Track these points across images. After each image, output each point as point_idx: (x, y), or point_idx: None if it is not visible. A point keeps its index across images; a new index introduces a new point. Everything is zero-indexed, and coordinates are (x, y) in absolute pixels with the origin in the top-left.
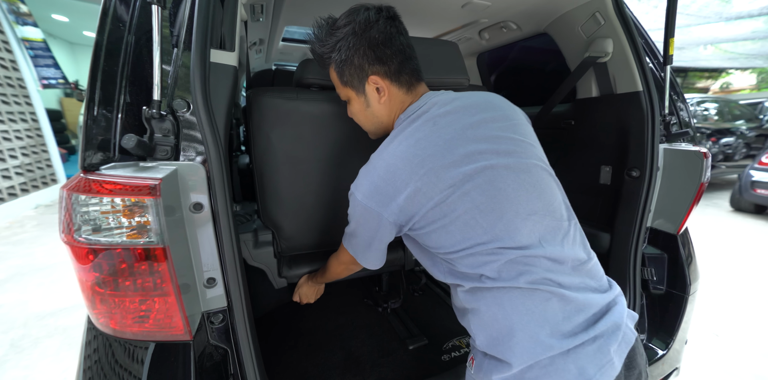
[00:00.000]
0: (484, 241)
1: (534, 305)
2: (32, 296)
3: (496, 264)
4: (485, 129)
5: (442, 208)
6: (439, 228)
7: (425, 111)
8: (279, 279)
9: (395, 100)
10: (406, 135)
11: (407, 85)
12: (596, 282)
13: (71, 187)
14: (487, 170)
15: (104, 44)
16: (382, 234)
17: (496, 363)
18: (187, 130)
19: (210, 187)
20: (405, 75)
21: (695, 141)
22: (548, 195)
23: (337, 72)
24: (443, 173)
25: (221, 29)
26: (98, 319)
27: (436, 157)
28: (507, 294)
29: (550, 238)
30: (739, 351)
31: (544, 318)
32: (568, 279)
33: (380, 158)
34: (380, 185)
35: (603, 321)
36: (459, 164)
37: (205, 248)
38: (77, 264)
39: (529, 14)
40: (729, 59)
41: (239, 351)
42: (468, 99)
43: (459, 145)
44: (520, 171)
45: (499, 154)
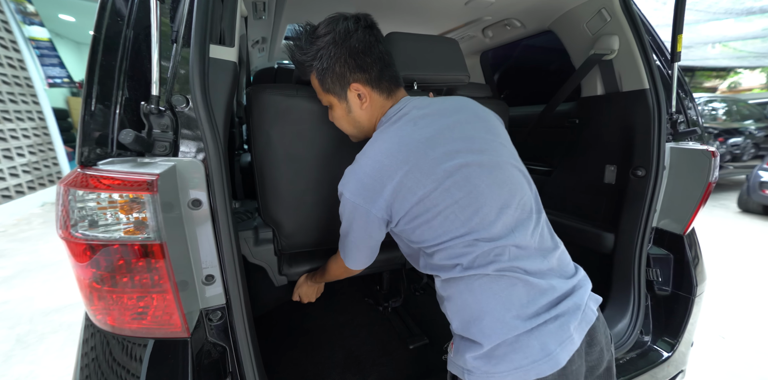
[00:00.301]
0: (462, 234)
1: (501, 289)
2: (38, 292)
3: (471, 255)
4: (460, 129)
5: (425, 203)
6: (423, 223)
7: (405, 113)
8: (279, 276)
9: (376, 105)
10: (390, 134)
11: (387, 91)
12: (562, 268)
13: (68, 182)
14: (464, 167)
15: (102, 39)
16: (372, 230)
17: (469, 343)
18: (185, 125)
19: (209, 183)
20: (385, 81)
21: (703, 140)
22: (518, 191)
23: (319, 79)
24: (426, 169)
25: (221, 25)
26: (96, 316)
27: (419, 154)
28: (477, 280)
29: (521, 229)
30: (746, 353)
31: (509, 301)
32: (535, 265)
33: (365, 156)
34: (367, 182)
35: (564, 302)
36: (440, 161)
37: (204, 245)
38: (74, 260)
39: (533, 11)
40: (738, 58)
41: (238, 349)
42: (443, 103)
43: (438, 143)
44: (492, 168)
45: (473, 152)
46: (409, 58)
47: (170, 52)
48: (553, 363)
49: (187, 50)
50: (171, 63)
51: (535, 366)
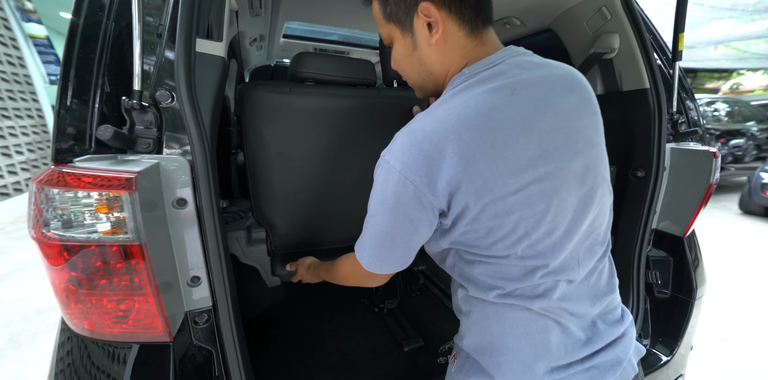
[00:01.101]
0: (522, 256)
1: (537, 331)
2: (33, 291)
3: (518, 283)
4: (567, 117)
5: (496, 207)
6: (482, 228)
7: (502, 71)
8: (272, 277)
9: (453, 43)
10: (475, 96)
11: (470, 24)
12: (608, 313)
13: (41, 180)
14: (558, 172)
15: (80, 29)
16: (419, 223)
17: (478, 369)
18: (170, 122)
19: (194, 182)
20: (469, 9)
21: (704, 140)
22: (601, 215)
23: (381, 1)
24: (513, 160)
25: (209, 18)
26: (72, 320)
27: (510, 137)
28: (512, 312)
29: (585, 263)
30: (746, 356)
31: (543, 348)
32: (582, 309)
33: (434, 117)
34: (432, 155)
35: (603, 354)
36: (531, 155)
37: (190, 245)
38: (48, 261)
39: (533, 9)
40: (740, 59)
41: (224, 353)
42: (555, 69)
43: (536, 130)
44: (586, 180)
45: (575, 154)
46: None
47: (155, 45)
48: None
49: (173, 44)
50: (156, 57)
51: None
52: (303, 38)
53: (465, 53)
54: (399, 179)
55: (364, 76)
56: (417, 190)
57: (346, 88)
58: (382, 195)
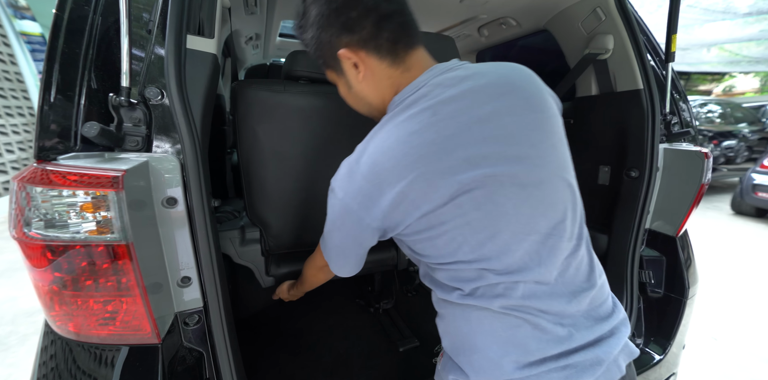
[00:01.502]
0: (469, 260)
1: (502, 329)
2: (23, 292)
3: (474, 283)
4: (497, 124)
5: (429, 219)
6: (425, 239)
7: (424, 94)
8: (266, 277)
9: (380, 75)
10: (397, 124)
11: (390, 55)
12: (593, 310)
13: (24, 178)
14: (489, 179)
15: (64, 23)
16: (363, 239)
17: (455, 367)
18: (160, 119)
19: (185, 180)
20: (384, 41)
21: (696, 141)
22: (558, 213)
23: (313, 54)
24: (436, 180)
25: (200, 14)
26: (56, 322)
27: (430, 159)
28: (476, 312)
29: (550, 261)
30: (738, 355)
31: (510, 343)
32: (557, 306)
33: (365, 152)
34: (363, 185)
35: (581, 353)
36: (457, 170)
37: (180, 245)
38: (29, 262)
39: (528, 10)
40: (731, 63)
41: (216, 354)
42: (482, 78)
43: (460, 145)
44: (529, 183)
45: (507, 159)
46: None
47: (144, 41)
48: None
49: (162, 40)
50: (145, 53)
51: None
52: None
53: (393, 82)
54: (341, 205)
55: None
56: (357, 215)
57: None
58: (331, 217)
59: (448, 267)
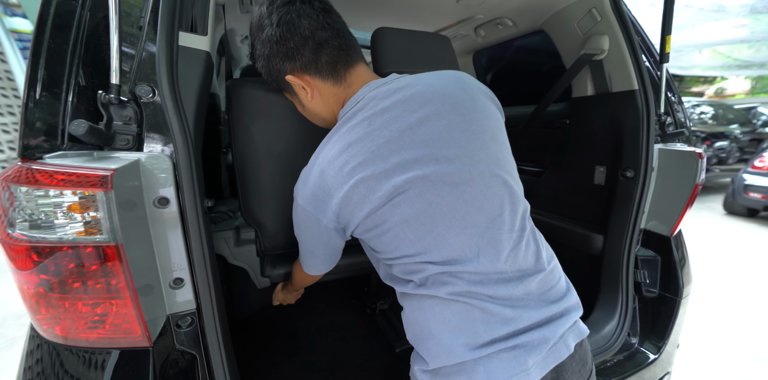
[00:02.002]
0: (411, 253)
1: (452, 314)
2: (12, 294)
3: (421, 274)
4: (426, 129)
5: (374, 219)
6: (374, 237)
7: (361, 108)
8: (262, 278)
9: (326, 93)
10: (339, 137)
11: (332, 76)
12: (542, 293)
13: (7, 177)
14: (420, 181)
15: (50, 18)
16: (327, 239)
17: (417, 357)
18: (151, 118)
19: (177, 180)
20: (324, 65)
21: (690, 141)
22: (493, 206)
23: (267, 79)
24: (374, 184)
25: (192, 11)
26: (42, 326)
27: (367, 166)
28: (427, 301)
29: (490, 252)
30: (731, 354)
31: (460, 328)
32: (504, 291)
33: (315, 161)
34: (315, 190)
35: (529, 334)
36: (391, 174)
37: (172, 246)
38: (14, 264)
39: (524, 10)
40: (722, 66)
41: (209, 357)
42: (412, 89)
43: (393, 151)
44: (460, 181)
45: (437, 161)
46: (397, 54)
47: (135, 38)
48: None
49: (154, 36)
50: (136, 50)
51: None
52: None
53: (338, 98)
54: (301, 210)
55: None
56: (314, 217)
57: None
58: (296, 222)
59: (397, 262)
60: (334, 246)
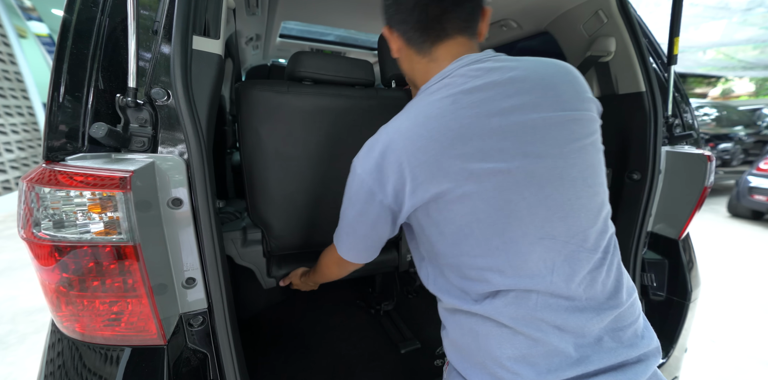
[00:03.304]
0: (474, 254)
1: (512, 347)
2: (22, 291)
3: (481, 286)
4: (519, 118)
5: (438, 204)
6: (433, 225)
7: (447, 84)
8: (268, 279)
9: (408, 58)
10: (418, 109)
11: (417, 44)
12: (620, 332)
13: (32, 179)
14: (501, 175)
15: (73, 25)
16: (375, 218)
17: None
18: (166, 120)
19: (190, 181)
20: (411, 31)
21: (699, 144)
22: (579, 219)
23: None
24: (446, 166)
25: (206, 15)
26: (63, 323)
27: (442, 145)
28: (484, 326)
29: (567, 271)
30: (736, 357)
31: (522, 362)
32: (574, 322)
33: (385, 131)
34: (379, 162)
35: (601, 378)
36: (469, 159)
37: (185, 246)
38: (38, 262)
39: (530, 12)
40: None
41: (220, 356)
42: (510, 72)
43: (477, 135)
44: (547, 183)
45: (525, 155)
46: None
47: (150, 42)
48: None
49: (169, 41)
50: (151, 54)
51: None
52: (300, 38)
53: (420, 68)
54: (358, 181)
55: (362, 76)
56: (371, 190)
57: (344, 88)
58: (347, 194)
59: (455, 262)
60: (379, 232)
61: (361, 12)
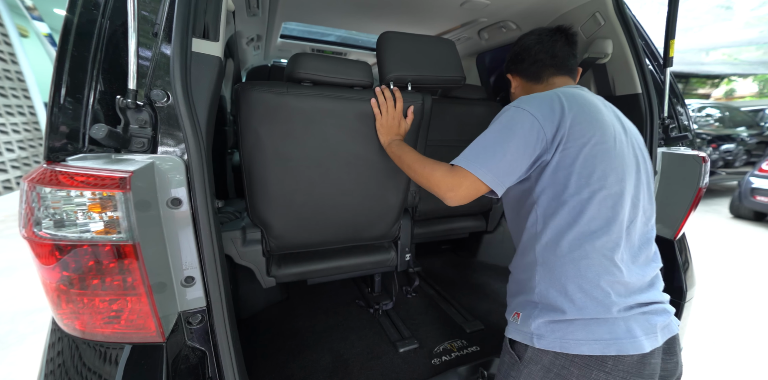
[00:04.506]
0: (600, 198)
1: (602, 272)
2: (21, 291)
3: (595, 223)
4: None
5: (587, 151)
6: (570, 164)
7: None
8: (267, 278)
9: (527, 90)
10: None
11: (534, 79)
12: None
13: (34, 179)
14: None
15: (74, 27)
16: (523, 141)
17: (548, 309)
18: (165, 122)
19: (189, 181)
20: (532, 74)
21: (694, 145)
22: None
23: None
24: (598, 122)
25: (205, 18)
26: (63, 320)
27: (588, 108)
28: (586, 260)
29: (635, 238)
30: (736, 358)
31: (611, 287)
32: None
33: (536, 95)
34: (552, 105)
35: (655, 306)
36: (593, 128)
37: (184, 245)
38: (39, 261)
39: (528, 14)
40: (730, 65)
41: (218, 354)
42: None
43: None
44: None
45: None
46: (403, 58)
47: (150, 44)
48: (638, 346)
49: (168, 43)
50: (151, 56)
51: (617, 342)
52: (300, 39)
53: (536, 90)
54: (524, 113)
55: (360, 78)
56: (534, 119)
57: (343, 89)
58: (502, 123)
59: (575, 203)
60: (519, 160)
61: (361, 13)
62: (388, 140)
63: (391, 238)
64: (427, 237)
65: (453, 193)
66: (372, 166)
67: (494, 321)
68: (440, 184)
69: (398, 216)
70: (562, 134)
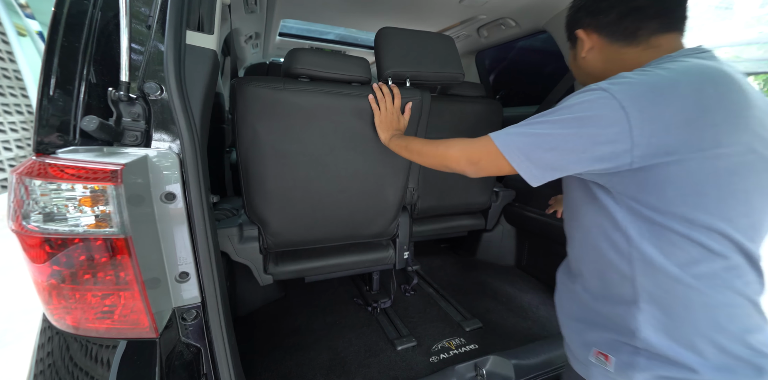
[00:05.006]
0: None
1: (740, 315)
2: (19, 290)
3: (722, 260)
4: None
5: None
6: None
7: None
8: (264, 275)
9: (608, 55)
10: (676, 65)
11: (626, 39)
12: None
13: (22, 171)
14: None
15: (64, 18)
16: (590, 140)
17: (665, 362)
18: (159, 115)
19: (183, 175)
20: (621, 28)
21: None
22: None
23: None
24: (736, 121)
25: (200, 10)
26: (54, 316)
27: (728, 100)
28: (721, 295)
29: None
30: None
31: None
32: None
33: (649, 70)
34: (656, 90)
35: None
36: (751, 124)
37: (178, 240)
38: (28, 255)
39: (527, 11)
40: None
41: (213, 350)
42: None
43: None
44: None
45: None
46: (401, 54)
47: (143, 36)
48: None
49: (162, 35)
50: (145, 48)
51: None
52: (299, 36)
53: (626, 57)
54: (609, 99)
55: (358, 74)
56: (622, 110)
57: (340, 85)
58: (573, 108)
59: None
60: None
61: (360, 10)
62: (388, 136)
63: (390, 236)
64: (425, 236)
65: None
66: (370, 163)
67: (492, 320)
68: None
69: (396, 214)
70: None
